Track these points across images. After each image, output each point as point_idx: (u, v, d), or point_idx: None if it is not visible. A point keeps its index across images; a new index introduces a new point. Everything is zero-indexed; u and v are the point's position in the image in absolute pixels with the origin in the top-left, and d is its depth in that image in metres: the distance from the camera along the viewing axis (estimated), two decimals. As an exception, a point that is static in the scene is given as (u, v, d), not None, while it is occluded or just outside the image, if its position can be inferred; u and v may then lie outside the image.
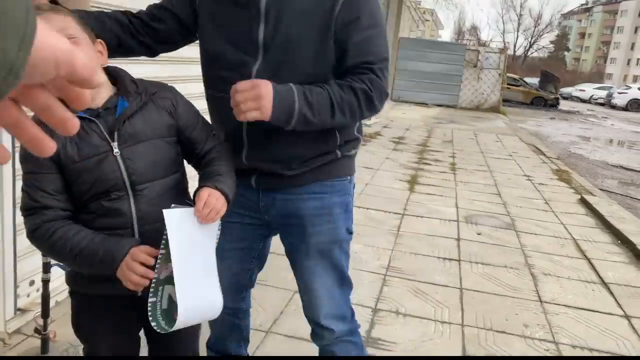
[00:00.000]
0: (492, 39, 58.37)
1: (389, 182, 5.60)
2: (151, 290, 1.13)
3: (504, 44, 52.42)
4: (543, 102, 23.14)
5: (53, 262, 1.92)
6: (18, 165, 2.17)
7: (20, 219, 2.24)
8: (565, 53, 67.70)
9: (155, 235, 1.14)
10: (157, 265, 1.11)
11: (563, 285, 3.31)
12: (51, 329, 2.05)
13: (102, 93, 1.17)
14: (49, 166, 1.13)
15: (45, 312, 1.90)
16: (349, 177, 1.53)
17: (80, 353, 2.06)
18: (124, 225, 1.16)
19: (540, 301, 3.04)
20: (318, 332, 1.59)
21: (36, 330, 1.98)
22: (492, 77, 17.23)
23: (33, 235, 1.14)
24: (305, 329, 2.49)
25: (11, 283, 2.18)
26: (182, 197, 1.26)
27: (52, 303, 2.10)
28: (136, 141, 1.17)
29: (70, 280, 1.30)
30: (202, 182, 1.20)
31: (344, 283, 1.57)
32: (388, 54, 1.38)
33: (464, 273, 3.34)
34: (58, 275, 2.29)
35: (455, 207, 4.87)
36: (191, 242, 1.12)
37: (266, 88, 1.19)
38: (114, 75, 1.20)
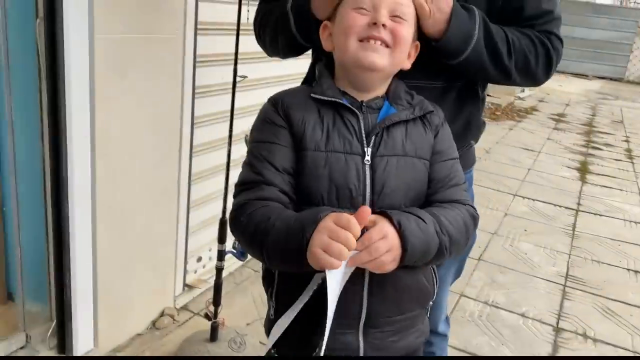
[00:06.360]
0: (667, 1, 50.57)
1: (554, 168, 4.98)
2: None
3: (683, 7, 45.37)
4: None
5: (228, 249, 1.83)
6: (196, 142, 2.12)
7: (197, 194, 2.22)
8: None
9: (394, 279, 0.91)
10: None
11: None
12: (219, 311, 2.00)
13: (375, 91, 0.98)
14: (286, 140, 0.94)
15: (217, 301, 1.83)
16: (472, 167, 1.32)
17: (244, 342, 1.99)
18: None
19: None
20: (431, 340, 1.36)
21: (206, 316, 1.94)
22: (670, 47, 14.90)
23: (237, 211, 0.92)
24: (477, 340, 2.21)
25: (182, 259, 2.17)
26: None
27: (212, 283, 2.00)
28: (392, 153, 0.94)
29: (267, 321, 1.06)
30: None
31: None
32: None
33: (665, 293, 2.80)
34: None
35: (641, 205, 4.18)
36: None
37: None
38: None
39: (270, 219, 0.86)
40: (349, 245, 0.77)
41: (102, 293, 1.81)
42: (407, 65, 0.99)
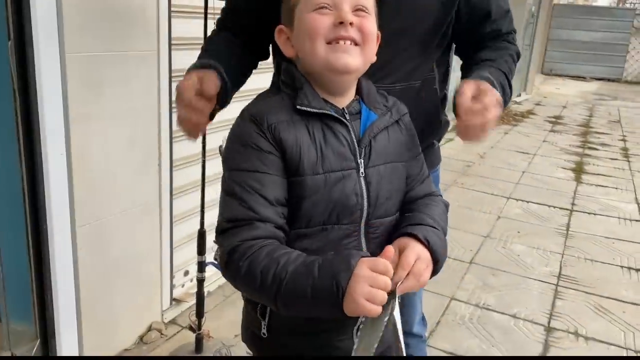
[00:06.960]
0: (663, 0, 50.50)
1: (549, 170, 4.97)
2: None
3: (679, 5, 45.37)
4: None
5: (208, 260, 1.84)
6: (176, 156, 2.14)
7: (179, 208, 2.23)
8: None
9: None
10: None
11: None
12: (203, 322, 2.00)
13: (349, 93, 0.95)
14: (276, 166, 0.86)
15: (200, 312, 1.84)
16: (438, 165, 1.35)
17: (231, 353, 1.99)
18: None
19: None
20: (407, 342, 1.38)
21: (190, 328, 1.94)
22: (667, 45, 14.89)
23: (231, 255, 0.83)
24: (467, 343, 2.21)
25: (168, 274, 2.18)
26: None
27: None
28: (382, 161, 0.92)
29: (252, 338, 1.02)
30: (406, 226, 0.90)
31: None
32: None
33: (658, 289, 2.78)
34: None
35: (636, 202, 4.16)
36: None
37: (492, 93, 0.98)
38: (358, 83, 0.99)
39: (280, 265, 0.79)
40: (388, 289, 0.76)
41: (85, 309, 1.82)
42: (374, 58, 0.96)
